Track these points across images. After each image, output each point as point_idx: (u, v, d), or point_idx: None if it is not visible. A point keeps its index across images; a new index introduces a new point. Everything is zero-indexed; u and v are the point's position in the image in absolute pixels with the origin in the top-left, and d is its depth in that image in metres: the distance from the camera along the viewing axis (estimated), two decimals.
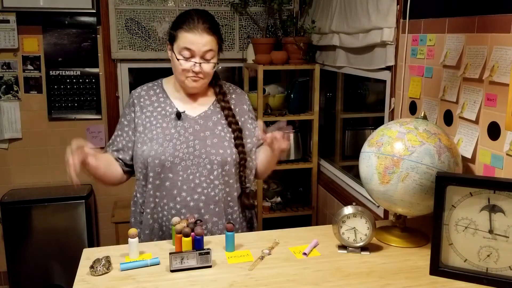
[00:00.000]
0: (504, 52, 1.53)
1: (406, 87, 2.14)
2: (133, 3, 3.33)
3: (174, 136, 1.69)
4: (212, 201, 1.70)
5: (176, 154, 1.67)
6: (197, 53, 1.65)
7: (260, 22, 3.52)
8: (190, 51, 1.65)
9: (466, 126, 1.72)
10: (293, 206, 3.42)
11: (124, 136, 1.76)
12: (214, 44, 1.68)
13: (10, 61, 3.21)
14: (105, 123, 3.40)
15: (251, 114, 1.84)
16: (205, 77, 1.70)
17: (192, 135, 1.70)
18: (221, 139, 1.72)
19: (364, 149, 1.60)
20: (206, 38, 1.65)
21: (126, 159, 1.76)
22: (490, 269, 1.34)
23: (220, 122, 1.75)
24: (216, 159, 1.69)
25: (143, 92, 1.79)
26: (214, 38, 1.68)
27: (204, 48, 1.65)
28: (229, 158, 1.70)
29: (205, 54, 1.66)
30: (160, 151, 1.67)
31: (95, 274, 1.37)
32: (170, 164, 1.67)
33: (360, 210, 1.50)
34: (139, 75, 3.50)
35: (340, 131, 3.41)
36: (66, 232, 3.19)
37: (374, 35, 2.38)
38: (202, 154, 1.69)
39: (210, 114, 1.76)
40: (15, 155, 3.31)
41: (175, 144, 1.68)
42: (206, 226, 1.70)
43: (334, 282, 1.34)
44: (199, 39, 1.64)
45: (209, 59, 1.68)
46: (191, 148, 1.69)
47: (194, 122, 1.73)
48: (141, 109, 1.75)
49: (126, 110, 1.79)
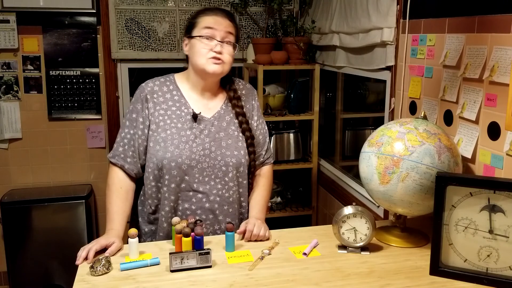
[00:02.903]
0: (504, 52, 1.53)
1: (406, 87, 2.14)
2: (133, 3, 3.32)
3: (190, 138, 1.67)
4: (226, 202, 1.70)
5: (193, 156, 1.65)
6: (218, 34, 1.65)
7: (260, 22, 3.52)
8: (211, 30, 1.64)
9: (466, 126, 1.72)
10: (293, 206, 3.41)
11: (139, 134, 1.68)
12: (234, 29, 1.69)
13: (10, 61, 3.21)
14: (105, 123, 3.40)
15: (258, 112, 1.84)
16: (225, 62, 1.66)
17: (207, 137, 1.69)
18: (235, 139, 1.72)
19: (364, 149, 1.60)
20: (228, 21, 1.68)
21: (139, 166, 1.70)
22: (490, 269, 1.34)
23: (233, 121, 1.75)
24: (231, 161, 1.69)
25: (156, 88, 1.72)
26: (233, 24, 1.70)
27: (226, 29, 1.66)
28: (243, 160, 1.71)
29: (226, 36, 1.66)
30: (176, 153, 1.63)
31: (95, 274, 1.37)
32: (187, 167, 1.65)
33: (360, 210, 1.50)
34: (139, 75, 3.50)
35: (340, 131, 3.41)
36: (66, 232, 3.18)
37: (374, 35, 2.38)
38: (217, 156, 1.68)
39: (223, 114, 1.74)
40: (15, 155, 3.31)
41: (191, 147, 1.66)
42: (220, 226, 1.70)
43: (334, 282, 1.34)
44: (221, 20, 1.66)
45: (230, 42, 1.67)
46: (207, 150, 1.67)
47: (209, 124, 1.71)
48: (154, 106, 1.68)
49: (137, 106, 1.69)
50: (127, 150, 1.69)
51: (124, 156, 1.69)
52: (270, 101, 3.23)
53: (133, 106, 1.72)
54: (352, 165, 3.17)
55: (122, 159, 1.69)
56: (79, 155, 3.37)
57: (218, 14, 1.68)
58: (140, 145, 1.68)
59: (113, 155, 1.70)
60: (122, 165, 1.68)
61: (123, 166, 1.68)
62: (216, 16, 1.67)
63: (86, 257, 1.45)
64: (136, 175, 1.71)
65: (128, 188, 1.69)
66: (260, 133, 1.83)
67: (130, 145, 1.69)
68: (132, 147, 1.69)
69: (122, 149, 1.70)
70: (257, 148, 1.81)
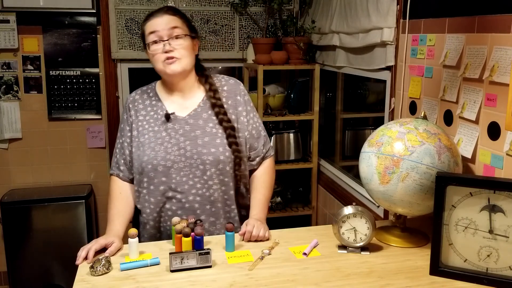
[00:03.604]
0: (504, 52, 1.53)
1: (406, 87, 2.14)
2: (133, 3, 3.32)
3: (165, 139, 1.67)
4: (208, 201, 1.69)
5: (168, 157, 1.65)
6: (162, 34, 1.64)
7: (260, 22, 3.52)
8: (156, 33, 1.65)
9: (466, 126, 1.72)
10: (293, 206, 3.41)
11: (128, 142, 1.73)
12: (178, 22, 1.68)
13: (10, 61, 3.21)
14: (105, 123, 3.40)
15: (247, 107, 1.77)
16: (181, 57, 1.65)
17: (182, 136, 1.68)
18: (213, 136, 1.69)
19: (364, 149, 1.60)
20: (168, 17, 1.67)
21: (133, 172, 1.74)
22: (490, 269, 1.34)
23: (211, 119, 1.71)
24: (208, 158, 1.66)
25: (137, 96, 1.78)
26: (177, 17, 1.69)
27: (168, 25, 1.65)
28: (222, 157, 1.67)
29: (171, 33, 1.65)
30: (152, 155, 1.65)
31: (95, 274, 1.37)
32: (163, 168, 1.65)
33: (360, 210, 1.50)
34: (139, 75, 3.49)
35: (340, 131, 3.41)
36: (66, 232, 3.18)
37: (374, 35, 2.38)
38: (193, 155, 1.66)
39: (200, 111, 1.72)
40: (15, 155, 3.31)
41: (166, 148, 1.66)
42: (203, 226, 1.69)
43: (334, 282, 1.34)
44: (159, 20, 1.66)
45: (178, 35, 1.66)
46: (182, 150, 1.66)
47: (184, 123, 1.70)
48: (135, 113, 1.74)
49: (124, 116, 1.78)
50: (119, 159, 1.76)
51: (118, 165, 1.76)
52: (270, 101, 3.23)
53: (121, 117, 1.81)
54: (352, 165, 3.17)
55: (117, 168, 1.76)
56: (79, 155, 3.37)
57: (157, 15, 1.68)
58: (131, 152, 1.72)
59: (111, 166, 1.79)
60: (118, 174, 1.76)
61: (118, 174, 1.76)
62: (156, 17, 1.67)
63: (86, 257, 1.45)
64: (132, 181, 1.75)
65: (128, 193, 1.74)
66: (252, 127, 1.77)
67: (121, 153, 1.75)
68: (123, 155, 1.75)
69: (116, 159, 1.78)
70: (254, 144, 1.78)
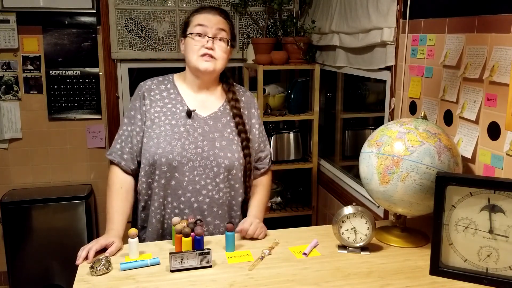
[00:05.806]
0: (504, 52, 1.53)
1: (406, 87, 2.14)
2: (133, 3, 3.32)
3: (183, 135, 1.67)
4: (216, 204, 1.69)
5: (184, 154, 1.65)
6: (209, 30, 1.66)
7: (260, 22, 3.52)
8: (202, 27, 1.66)
9: (466, 126, 1.72)
10: (293, 206, 3.41)
11: (137, 131, 1.70)
12: (227, 27, 1.71)
13: (10, 61, 3.21)
14: (105, 123, 3.40)
15: (258, 120, 1.83)
16: (217, 58, 1.68)
17: (201, 136, 1.68)
18: (230, 142, 1.71)
19: (364, 149, 1.60)
20: (219, 17, 1.70)
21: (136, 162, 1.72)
22: (490, 269, 1.34)
23: (229, 125, 1.74)
24: (224, 162, 1.67)
25: (154, 86, 1.75)
26: (227, 22, 1.72)
27: (217, 25, 1.67)
28: (237, 163, 1.69)
29: (218, 33, 1.67)
30: (168, 149, 1.64)
31: (95, 274, 1.37)
32: (178, 163, 1.65)
33: (360, 210, 1.50)
34: (139, 75, 3.49)
35: (340, 131, 3.41)
36: (66, 232, 3.18)
37: (374, 35, 2.38)
38: (210, 156, 1.67)
39: (220, 115, 1.74)
40: (15, 155, 3.31)
41: (184, 144, 1.66)
42: (208, 228, 1.69)
43: (334, 282, 1.34)
44: (211, 17, 1.68)
45: (222, 38, 1.68)
46: (200, 149, 1.67)
47: (203, 122, 1.71)
48: (151, 103, 1.71)
49: (136, 103, 1.73)
50: (124, 146, 1.71)
51: (121, 153, 1.71)
52: (270, 101, 3.22)
53: (131, 104, 1.75)
54: (352, 165, 3.17)
55: (119, 156, 1.71)
56: (79, 155, 3.37)
57: (210, 12, 1.70)
58: (139, 142, 1.70)
59: (110, 152, 1.73)
60: (119, 162, 1.70)
61: (119, 163, 1.70)
62: (208, 13, 1.70)
63: (86, 257, 1.45)
64: (133, 172, 1.72)
65: (129, 188, 1.70)
66: (261, 140, 1.84)
67: (128, 141, 1.71)
68: (129, 143, 1.71)
69: (119, 146, 1.72)
70: (259, 154, 1.83)
